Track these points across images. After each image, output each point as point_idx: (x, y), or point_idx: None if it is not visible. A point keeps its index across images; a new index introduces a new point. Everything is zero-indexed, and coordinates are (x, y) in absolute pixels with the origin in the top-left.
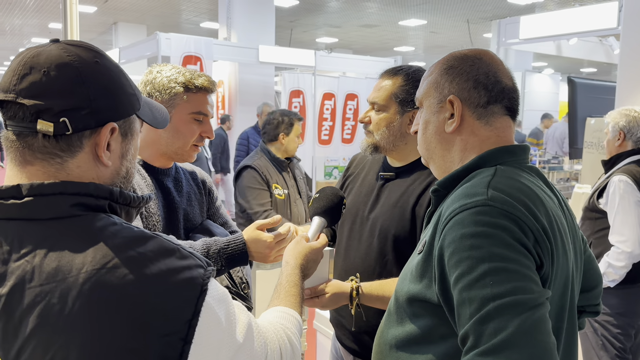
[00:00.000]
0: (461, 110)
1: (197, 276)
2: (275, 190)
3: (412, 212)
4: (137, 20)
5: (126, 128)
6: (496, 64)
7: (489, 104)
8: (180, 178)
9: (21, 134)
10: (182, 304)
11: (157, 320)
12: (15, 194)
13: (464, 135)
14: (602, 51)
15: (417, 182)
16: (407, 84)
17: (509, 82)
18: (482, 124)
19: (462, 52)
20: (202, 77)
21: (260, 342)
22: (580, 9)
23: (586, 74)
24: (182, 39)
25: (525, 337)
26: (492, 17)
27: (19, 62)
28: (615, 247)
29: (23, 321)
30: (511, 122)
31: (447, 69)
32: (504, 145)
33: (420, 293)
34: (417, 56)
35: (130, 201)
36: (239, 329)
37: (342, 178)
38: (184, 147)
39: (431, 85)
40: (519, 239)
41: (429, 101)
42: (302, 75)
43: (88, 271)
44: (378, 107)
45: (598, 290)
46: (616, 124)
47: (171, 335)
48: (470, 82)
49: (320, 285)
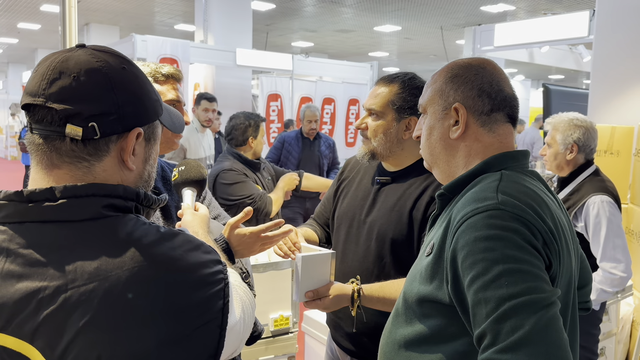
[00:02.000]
0: (466, 118)
1: (221, 269)
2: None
3: (410, 215)
4: (109, 22)
5: (150, 133)
6: (498, 73)
7: (493, 111)
8: (167, 176)
9: (48, 137)
10: (215, 294)
11: (196, 310)
12: (49, 196)
13: (468, 141)
14: (572, 59)
15: (413, 186)
16: (403, 92)
17: (510, 90)
18: (486, 131)
19: (466, 61)
20: (166, 66)
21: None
22: (553, 17)
23: (554, 81)
24: (158, 41)
25: (541, 334)
26: (464, 24)
27: (48, 66)
28: (608, 273)
29: (68, 320)
30: (512, 128)
31: (452, 77)
32: (506, 151)
33: (431, 294)
34: (391, 61)
35: (152, 203)
36: (236, 305)
37: (336, 182)
38: (166, 134)
39: (436, 92)
40: (530, 241)
41: (433, 108)
42: (279, 79)
43: (129, 269)
44: (375, 113)
45: (589, 287)
46: (568, 136)
47: (209, 323)
48: (474, 90)
49: (322, 287)
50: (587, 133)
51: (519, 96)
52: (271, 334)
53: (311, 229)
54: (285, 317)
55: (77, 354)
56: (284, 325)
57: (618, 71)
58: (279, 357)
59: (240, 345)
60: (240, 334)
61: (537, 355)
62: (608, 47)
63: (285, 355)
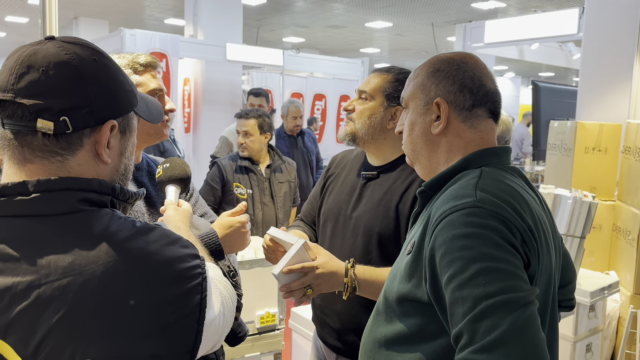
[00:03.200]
0: (447, 113)
1: (199, 263)
2: (237, 189)
3: (396, 210)
4: (98, 15)
5: (125, 125)
6: (480, 68)
7: (474, 107)
8: (153, 171)
9: (20, 132)
10: (193, 288)
11: (173, 305)
12: (22, 191)
13: (449, 137)
14: (562, 56)
15: (399, 180)
16: (395, 81)
17: (492, 85)
18: (467, 127)
19: (448, 56)
20: (141, 55)
21: (224, 301)
22: (543, 15)
23: (544, 78)
24: (147, 35)
25: (517, 334)
26: (455, 21)
27: (16, 60)
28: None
29: (41, 316)
30: (494, 124)
31: (434, 72)
32: (487, 147)
33: (410, 292)
34: (382, 58)
35: (129, 197)
36: (215, 299)
37: (322, 178)
38: (154, 125)
39: (417, 87)
40: (508, 239)
41: (415, 103)
42: (270, 75)
43: (104, 263)
44: (366, 95)
45: (572, 285)
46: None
47: (187, 318)
48: (456, 85)
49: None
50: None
51: (509, 93)
52: (257, 330)
53: (299, 230)
54: (271, 314)
55: (51, 349)
56: (270, 322)
57: (606, 69)
58: (265, 355)
59: (220, 340)
60: (220, 328)
61: (513, 356)
62: (597, 44)
63: (271, 353)
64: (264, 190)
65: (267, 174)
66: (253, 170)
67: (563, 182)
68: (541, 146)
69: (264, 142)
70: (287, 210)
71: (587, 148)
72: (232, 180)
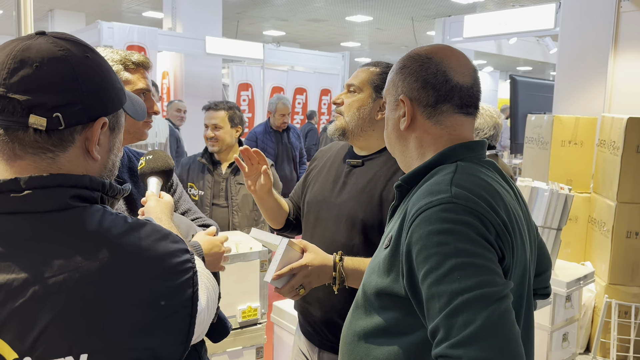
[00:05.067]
0: (412, 110)
1: (189, 258)
2: (190, 189)
3: (380, 197)
4: (75, 8)
5: (114, 122)
6: (447, 62)
7: (438, 103)
8: (134, 167)
9: (10, 128)
10: (185, 282)
11: (167, 299)
12: (14, 187)
13: (417, 133)
14: (539, 50)
15: (384, 167)
16: (383, 74)
17: (461, 79)
18: (432, 123)
19: (415, 51)
20: (135, 54)
21: (209, 294)
22: (521, 9)
23: (522, 72)
24: (125, 28)
25: (493, 328)
26: (435, 15)
27: (7, 54)
28: None
29: (38, 313)
30: (464, 119)
31: (401, 69)
32: (462, 142)
33: (388, 287)
34: (363, 52)
35: (117, 193)
36: (201, 293)
37: (308, 169)
38: (136, 124)
39: (389, 83)
40: (482, 234)
41: (388, 98)
42: (250, 68)
43: (99, 259)
44: (354, 88)
45: (548, 274)
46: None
47: (180, 311)
48: (419, 82)
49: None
50: (480, 118)
51: (488, 87)
52: (239, 325)
53: (285, 200)
54: (253, 308)
55: (48, 345)
56: (252, 317)
57: (583, 63)
58: (247, 349)
59: (203, 333)
60: (204, 320)
61: (488, 350)
62: (573, 39)
63: (253, 347)
64: (219, 192)
65: (226, 173)
66: (209, 170)
67: (540, 175)
68: (519, 139)
69: (235, 135)
70: (247, 214)
71: (564, 141)
72: (186, 180)
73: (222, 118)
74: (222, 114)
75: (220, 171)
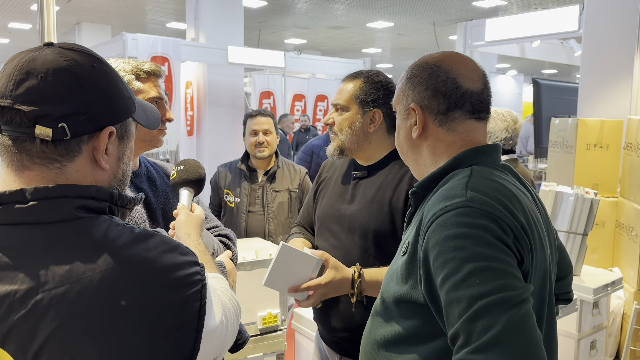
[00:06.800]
0: (423, 118)
1: (198, 270)
2: (227, 196)
3: (390, 205)
4: (101, 20)
5: (123, 131)
6: (456, 69)
7: (449, 110)
8: (153, 176)
9: (18, 139)
10: (192, 296)
11: (171, 312)
12: (19, 199)
13: (430, 140)
14: (564, 53)
15: (390, 176)
16: (366, 85)
17: (472, 85)
18: (444, 130)
19: (424, 60)
20: (146, 63)
21: (228, 313)
22: (543, 12)
23: (547, 75)
24: (149, 40)
25: (513, 333)
26: (457, 19)
27: (14, 66)
28: None
29: (40, 324)
30: (477, 124)
31: (410, 78)
32: (475, 146)
33: (407, 294)
34: (384, 58)
35: (127, 203)
36: (216, 309)
37: (315, 184)
38: (150, 132)
39: (399, 92)
40: (500, 237)
41: (399, 108)
42: (271, 77)
43: (102, 271)
44: (340, 107)
45: (569, 278)
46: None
47: (185, 325)
48: (429, 90)
49: (313, 280)
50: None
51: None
52: (259, 331)
53: (304, 237)
54: (273, 314)
55: (50, 357)
56: (273, 323)
57: (607, 65)
58: (267, 355)
59: (223, 351)
60: (222, 339)
61: (509, 355)
62: (597, 41)
63: (274, 353)
64: (255, 199)
65: (262, 181)
66: (247, 177)
67: (565, 179)
68: (543, 143)
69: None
70: (282, 222)
71: (589, 145)
72: (223, 187)
73: (271, 124)
74: (270, 120)
75: (256, 179)
